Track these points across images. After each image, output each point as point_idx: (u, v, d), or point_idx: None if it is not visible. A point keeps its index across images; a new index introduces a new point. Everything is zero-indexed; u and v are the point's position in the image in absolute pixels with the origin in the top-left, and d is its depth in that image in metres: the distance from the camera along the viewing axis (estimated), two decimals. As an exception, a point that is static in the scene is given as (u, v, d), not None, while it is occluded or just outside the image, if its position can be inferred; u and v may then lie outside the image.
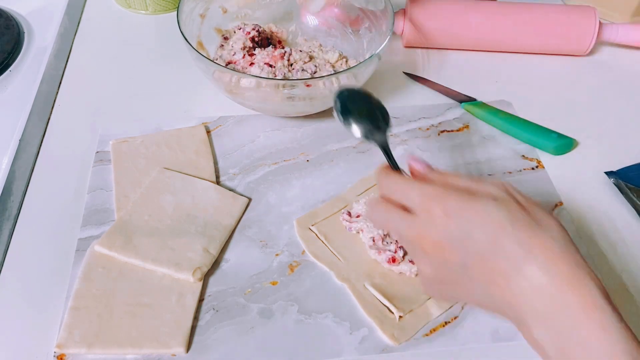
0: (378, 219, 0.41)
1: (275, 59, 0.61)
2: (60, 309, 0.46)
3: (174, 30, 0.59)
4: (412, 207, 0.37)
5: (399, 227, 0.38)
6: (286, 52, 0.62)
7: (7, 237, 0.51)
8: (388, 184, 0.40)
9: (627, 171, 0.57)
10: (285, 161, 0.58)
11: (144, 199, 0.52)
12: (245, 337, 0.45)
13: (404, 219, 0.37)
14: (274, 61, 0.61)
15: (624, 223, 0.54)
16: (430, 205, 0.36)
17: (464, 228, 0.35)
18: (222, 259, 0.50)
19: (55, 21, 0.73)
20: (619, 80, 0.70)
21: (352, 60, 0.65)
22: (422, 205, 0.36)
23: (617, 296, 0.48)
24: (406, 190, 0.38)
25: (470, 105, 0.64)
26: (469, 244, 0.34)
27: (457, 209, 0.35)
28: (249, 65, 0.61)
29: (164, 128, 0.61)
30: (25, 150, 0.57)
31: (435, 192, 0.36)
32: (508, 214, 0.35)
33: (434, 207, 0.36)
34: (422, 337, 0.45)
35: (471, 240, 0.34)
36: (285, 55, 0.61)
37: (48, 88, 0.65)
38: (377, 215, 0.40)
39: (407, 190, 0.38)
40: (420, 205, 0.37)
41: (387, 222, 0.40)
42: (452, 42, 0.73)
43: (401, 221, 0.38)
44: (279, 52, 0.61)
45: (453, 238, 0.35)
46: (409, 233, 0.37)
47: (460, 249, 0.35)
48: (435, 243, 0.36)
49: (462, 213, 0.35)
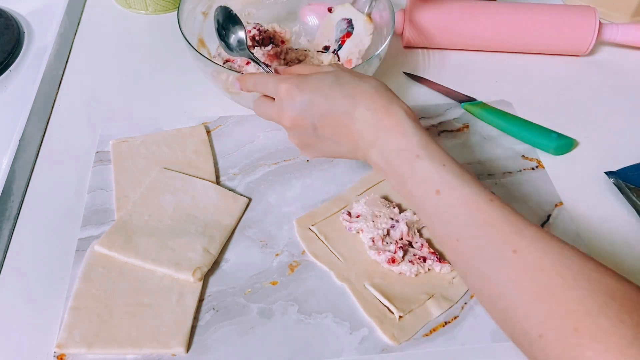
0: (257, 111, 0.50)
1: (270, 58, 0.61)
2: (60, 309, 0.46)
3: (174, 30, 0.59)
4: (271, 95, 0.47)
5: (266, 113, 0.48)
6: (282, 51, 0.62)
7: (7, 237, 0.51)
8: (253, 80, 0.50)
9: (627, 171, 0.57)
10: (285, 161, 0.58)
11: (144, 199, 0.52)
12: (245, 337, 0.45)
13: (270, 106, 0.48)
14: (269, 60, 0.61)
15: (624, 223, 0.54)
16: (279, 89, 0.45)
17: (304, 98, 0.44)
18: (222, 259, 0.50)
19: (55, 21, 0.73)
20: (619, 80, 0.70)
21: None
22: (275, 91, 0.46)
23: (617, 296, 0.48)
24: (264, 82, 0.48)
25: (470, 105, 0.64)
26: (312, 109, 0.44)
27: (296, 85, 0.45)
28: (246, 64, 0.61)
29: (164, 128, 0.61)
30: (25, 150, 0.57)
31: (281, 77, 0.46)
32: (335, 77, 0.45)
33: (282, 90, 0.45)
34: (422, 337, 0.45)
35: (312, 105, 0.44)
36: (281, 55, 0.61)
37: (48, 88, 0.65)
38: (256, 108, 0.50)
39: (265, 82, 0.48)
40: (274, 91, 0.46)
41: (260, 111, 0.49)
42: (452, 42, 0.73)
43: (267, 108, 0.48)
44: (274, 50, 0.61)
45: (300, 108, 0.45)
46: (273, 116, 0.47)
47: (307, 115, 0.44)
48: (289, 118, 0.45)
49: (301, 86, 0.45)
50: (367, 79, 0.45)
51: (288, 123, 0.46)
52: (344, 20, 0.61)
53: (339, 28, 0.61)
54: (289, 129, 0.47)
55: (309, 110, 0.44)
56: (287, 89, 0.45)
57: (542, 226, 0.53)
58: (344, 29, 0.61)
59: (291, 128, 0.46)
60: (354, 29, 0.60)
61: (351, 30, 0.60)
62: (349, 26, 0.60)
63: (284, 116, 0.46)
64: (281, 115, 0.46)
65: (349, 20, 0.60)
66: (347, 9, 0.61)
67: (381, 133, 0.42)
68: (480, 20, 0.71)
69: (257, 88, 0.50)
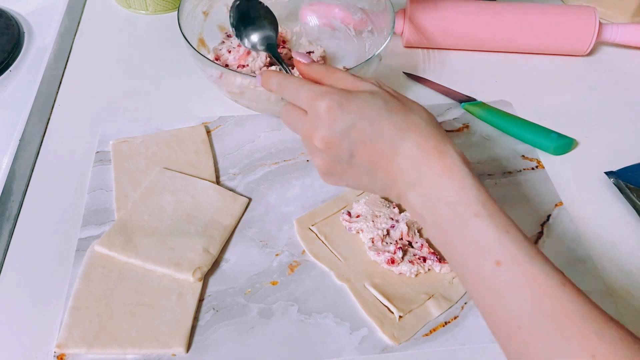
0: (285, 119, 0.44)
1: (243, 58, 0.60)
2: (60, 309, 0.46)
3: (174, 30, 0.59)
4: (303, 106, 0.41)
5: (296, 126, 0.42)
6: None
7: (7, 237, 0.51)
8: (279, 82, 0.44)
9: (627, 171, 0.57)
10: (285, 161, 0.58)
11: (144, 199, 0.52)
12: (245, 337, 0.45)
13: (300, 118, 0.41)
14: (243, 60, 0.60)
15: (624, 223, 0.54)
16: (316, 102, 0.39)
17: (347, 120, 0.38)
18: (222, 259, 0.50)
19: (55, 21, 0.73)
20: (619, 80, 0.70)
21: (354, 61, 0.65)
22: (310, 104, 0.40)
23: (617, 296, 0.48)
24: (295, 90, 0.42)
25: (470, 105, 0.64)
26: (353, 134, 0.39)
27: (339, 104, 0.39)
28: (237, 67, 0.61)
29: (164, 128, 0.61)
30: (25, 150, 0.57)
31: (320, 90, 0.40)
32: (384, 103, 0.39)
33: (320, 104, 0.39)
34: (422, 337, 0.45)
35: (354, 130, 0.39)
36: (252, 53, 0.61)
37: (48, 88, 0.65)
38: (284, 116, 0.44)
39: (296, 90, 0.42)
40: (308, 103, 0.40)
41: (290, 123, 0.43)
42: (452, 42, 0.73)
43: (297, 120, 0.42)
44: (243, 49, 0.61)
45: (339, 131, 0.39)
46: (302, 131, 0.41)
47: (345, 140, 0.39)
48: (323, 138, 0.39)
49: (344, 106, 0.39)
50: (416, 109, 0.41)
51: (320, 144, 0.40)
52: None
53: None
54: (318, 150, 0.41)
55: (350, 134, 0.39)
56: (328, 106, 0.39)
57: (542, 226, 0.53)
58: None
59: (322, 150, 0.40)
60: None
61: None
62: None
63: (317, 135, 0.39)
64: (313, 132, 0.40)
65: None
66: None
67: (428, 176, 0.37)
68: (480, 20, 0.71)
69: (285, 93, 0.44)
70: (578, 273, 0.50)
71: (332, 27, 0.71)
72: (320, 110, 0.39)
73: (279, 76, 0.45)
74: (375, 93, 0.40)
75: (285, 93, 0.44)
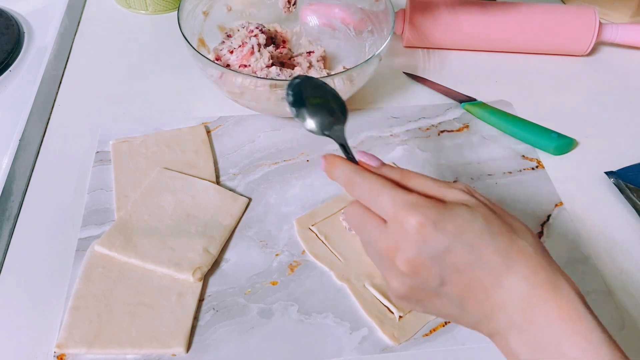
0: (351, 221, 0.37)
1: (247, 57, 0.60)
2: (60, 309, 0.46)
3: (174, 30, 0.59)
4: (383, 215, 0.34)
5: (371, 237, 0.35)
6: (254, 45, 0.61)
7: (7, 237, 0.51)
8: (348, 175, 0.37)
9: (627, 171, 0.57)
10: (285, 161, 0.58)
11: (144, 199, 0.52)
12: (245, 337, 0.45)
13: (376, 228, 0.34)
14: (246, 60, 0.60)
15: (624, 223, 0.54)
16: (403, 215, 0.33)
17: (443, 242, 0.32)
18: (222, 259, 0.50)
19: (55, 21, 0.73)
20: (619, 80, 0.70)
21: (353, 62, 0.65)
22: (394, 215, 0.33)
23: (617, 296, 0.48)
24: (373, 192, 0.35)
25: (470, 105, 0.64)
26: (448, 258, 0.32)
27: (434, 221, 0.32)
28: (239, 66, 0.61)
29: (164, 128, 0.61)
30: (25, 150, 0.57)
31: (408, 200, 0.33)
32: (485, 223, 0.33)
33: (409, 220, 0.32)
34: (422, 337, 0.45)
35: (451, 254, 0.32)
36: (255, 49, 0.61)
37: (48, 88, 0.65)
38: (350, 217, 0.37)
39: (377, 195, 0.35)
40: (391, 214, 0.33)
41: (359, 228, 0.36)
42: (452, 42, 0.73)
43: (374, 230, 0.35)
44: (247, 48, 0.61)
45: (431, 254, 0.32)
46: (380, 245, 0.34)
47: (437, 265, 0.32)
48: (410, 261, 0.33)
49: (440, 225, 0.32)
50: (521, 230, 0.34)
51: (405, 267, 0.33)
52: None
53: None
54: (399, 272, 0.34)
55: (444, 259, 0.32)
56: (419, 224, 0.32)
57: (542, 226, 0.53)
58: None
59: (404, 274, 0.33)
60: None
61: None
62: None
63: (401, 256, 0.33)
64: (397, 252, 0.33)
65: None
66: None
67: (540, 322, 0.31)
68: (480, 20, 0.71)
69: (357, 191, 0.36)
70: (578, 273, 0.50)
71: (332, 27, 0.71)
72: (409, 227, 0.32)
73: (349, 168, 0.37)
74: (474, 208, 0.33)
75: (357, 192, 0.36)
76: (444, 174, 0.58)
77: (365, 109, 0.64)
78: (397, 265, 0.33)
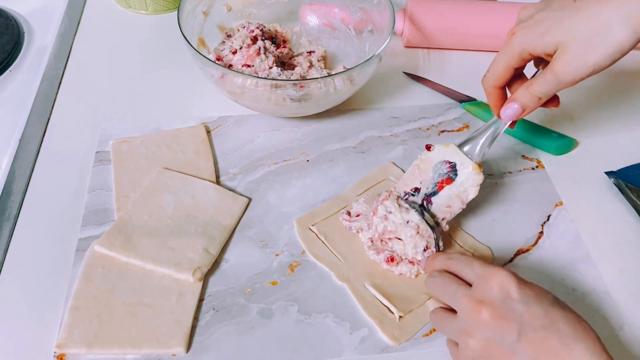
0: (435, 286, 0.42)
1: (251, 58, 0.60)
2: (60, 309, 0.46)
3: (174, 30, 0.59)
4: (470, 277, 0.40)
5: (458, 293, 0.39)
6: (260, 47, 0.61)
7: (7, 237, 0.51)
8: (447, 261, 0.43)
9: (627, 171, 0.57)
10: (285, 161, 0.58)
11: (144, 199, 0.52)
12: (245, 337, 0.45)
13: (462, 286, 0.40)
14: (250, 60, 0.60)
15: (624, 223, 0.54)
16: (490, 275, 0.38)
17: (524, 299, 0.37)
18: (222, 259, 0.50)
19: (55, 21, 0.73)
20: (619, 80, 0.70)
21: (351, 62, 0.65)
22: (483, 274, 0.39)
23: (617, 296, 0.48)
24: (466, 263, 0.41)
25: (470, 105, 0.64)
26: (527, 315, 0.36)
27: (517, 280, 0.38)
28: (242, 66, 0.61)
29: (164, 128, 0.61)
30: (25, 150, 0.57)
31: (491, 266, 0.39)
32: (554, 298, 0.38)
33: (495, 275, 0.38)
34: (422, 337, 0.45)
35: (529, 312, 0.36)
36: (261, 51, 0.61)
37: (48, 88, 0.65)
38: (435, 283, 0.42)
39: (467, 264, 0.41)
40: (480, 274, 0.39)
41: (445, 288, 0.41)
42: (452, 42, 0.73)
43: (460, 288, 0.40)
44: (253, 49, 0.61)
45: (512, 308, 0.37)
46: (467, 300, 0.38)
47: (517, 319, 0.36)
48: (495, 310, 0.37)
49: (522, 285, 0.38)
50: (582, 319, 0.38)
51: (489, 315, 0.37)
52: (445, 163, 0.51)
53: (438, 171, 0.51)
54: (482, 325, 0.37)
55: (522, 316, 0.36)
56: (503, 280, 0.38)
57: (542, 226, 0.53)
58: (445, 173, 0.50)
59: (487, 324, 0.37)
60: (457, 175, 0.50)
61: (453, 177, 0.50)
62: (451, 171, 0.50)
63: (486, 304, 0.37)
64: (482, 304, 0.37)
65: (453, 164, 0.50)
66: (452, 150, 0.50)
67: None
68: (480, 20, 0.71)
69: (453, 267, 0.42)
70: (578, 273, 0.50)
71: (332, 27, 0.71)
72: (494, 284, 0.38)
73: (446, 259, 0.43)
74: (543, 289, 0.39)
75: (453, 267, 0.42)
76: (444, 174, 0.57)
77: (365, 109, 0.65)
78: (482, 318, 0.37)
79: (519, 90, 0.46)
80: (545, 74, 0.43)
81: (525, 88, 0.45)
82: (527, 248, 0.52)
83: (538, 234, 0.53)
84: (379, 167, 0.58)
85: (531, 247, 0.52)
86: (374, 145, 0.60)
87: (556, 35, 0.41)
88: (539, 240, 0.52)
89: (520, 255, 0.51)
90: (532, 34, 0.42)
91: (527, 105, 0.46)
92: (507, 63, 0.45)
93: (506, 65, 0.46)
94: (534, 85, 0.44)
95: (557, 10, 0.41)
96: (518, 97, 0.46)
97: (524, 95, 0.46)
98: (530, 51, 0.43)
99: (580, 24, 0.40)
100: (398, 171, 0.57)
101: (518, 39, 0.43)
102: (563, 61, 0.41)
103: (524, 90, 0.45)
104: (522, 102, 0.46)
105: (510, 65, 0.45)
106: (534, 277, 0.49)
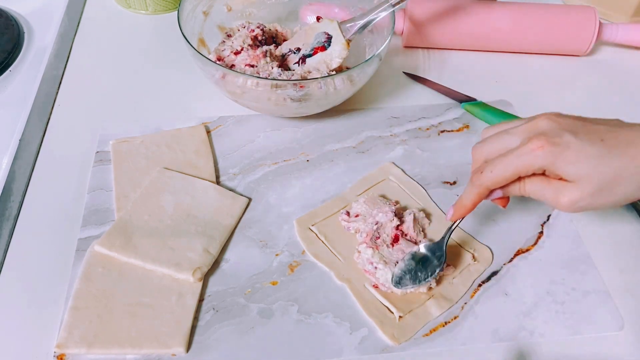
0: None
1: (257, 59, 0.60)
2: (60, 309, 0.46)
3: (174, 30, 0.59)
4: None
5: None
6: (267, 50, 0.61)
7: (7, 237, 0.51)
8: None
9: (627, 171, 0.57)
10: (285, 161, 0.58)
11: (144, 199, 0.52)
12: (245, 337, 0.45)
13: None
14: (255, 61, 0.60)
15: (624, 223, 0.54)
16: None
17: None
18: (222, 259, 0.50)
19: (55, 21, 0.73)
20: (619, 80, 0.70)
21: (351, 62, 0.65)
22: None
23: (617, 296, 0.48)
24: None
25: (470, 105, 0.64)
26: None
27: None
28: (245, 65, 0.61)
29: (164, 128, 0.61)
30: (25, 150, 0.57)
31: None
32: None
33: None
34: (422, 337, 0.45)
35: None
36: (267, 53, 0.61)
37: (48, 88, 0.65)
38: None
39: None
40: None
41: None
42: (452, 42, 0.73)
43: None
44: (260, 50, 0.61)
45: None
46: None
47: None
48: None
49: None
50: None
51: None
52: (324, 34, 0.61)
53: (317, 39, 0.62)
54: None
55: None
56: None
57: (542, 226, 0.53)
58: (321, 42, 0.61)
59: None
60: (330, 46, 0.60)
61: (327, 46, 0.61)
62: (326, 41, 0.61)
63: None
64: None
65: (330, 36, 0.61)
66: (332, 25, 0.62)
67: None
68: (480, 20, 0.71)
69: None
70: (578, 273, 0.50)
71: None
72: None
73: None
74: None
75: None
76: (444, 174, 0.57)
77: (365, 109, 0.65)
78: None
79: None
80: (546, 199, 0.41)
81: None
82: (527, 248, 0.52)
83: (538, 234, 0.53)
84: (379, 167, 0.58)
85: (531, 247, 0.52)
86: (374, 145, 0.60)
87: (581, 169, 0.39)
88: (539, 240, 0.52)
89: (520, 255, 0.51)
90: (559, 158, 0.40)
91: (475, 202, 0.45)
92: (518, 171, 0.41)
93: (516, 173, 0.41)
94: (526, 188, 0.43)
95: (586, 143, 0.40)
96: None
97: None
98: (548, 171, 0.41)
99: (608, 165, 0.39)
100: (398, 171, 0.57)
101: (544, 155, 0.40)
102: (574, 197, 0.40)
103: None
104: None
105: (520, 173, 0.41)
106: (534, 277, 0.49)
